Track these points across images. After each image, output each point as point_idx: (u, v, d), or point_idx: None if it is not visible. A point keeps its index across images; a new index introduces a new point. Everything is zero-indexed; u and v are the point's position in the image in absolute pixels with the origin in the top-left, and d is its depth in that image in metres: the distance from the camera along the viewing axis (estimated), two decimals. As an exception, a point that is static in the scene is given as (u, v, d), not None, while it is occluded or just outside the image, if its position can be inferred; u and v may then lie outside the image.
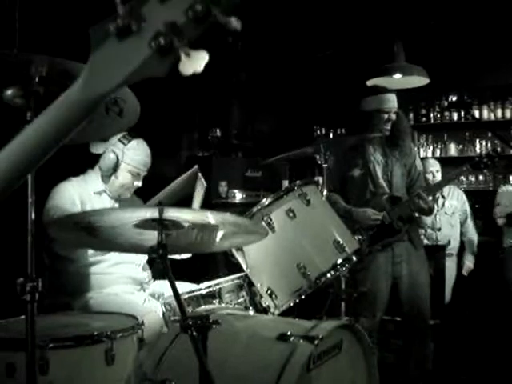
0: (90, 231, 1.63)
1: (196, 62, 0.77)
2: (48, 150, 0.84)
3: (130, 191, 2.83)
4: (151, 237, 1.63)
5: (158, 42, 0.73)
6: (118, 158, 2.72)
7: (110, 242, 1.79)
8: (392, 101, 3.24)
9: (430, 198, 3.17)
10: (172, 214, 1.58)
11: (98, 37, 0.77)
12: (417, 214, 3.32)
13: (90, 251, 2.66)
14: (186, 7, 0.71)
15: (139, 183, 2.82)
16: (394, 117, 3.23)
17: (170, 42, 0.73)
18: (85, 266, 2.68)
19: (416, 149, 3.67)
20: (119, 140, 2.72)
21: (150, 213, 1.57)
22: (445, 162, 5.14)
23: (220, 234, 1.76)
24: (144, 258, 2.86)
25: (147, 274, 2.90)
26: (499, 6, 4.89)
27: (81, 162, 2.85)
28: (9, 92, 1.51)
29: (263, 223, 2.17)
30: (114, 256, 2.71)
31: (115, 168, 2.73)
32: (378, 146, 3.27)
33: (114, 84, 0.78)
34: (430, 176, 4.60)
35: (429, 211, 3.21)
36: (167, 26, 0.73)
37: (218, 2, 0.70)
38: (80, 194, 2.71)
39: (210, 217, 1.65)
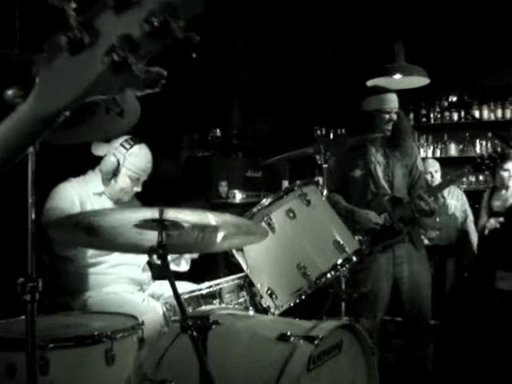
0: (90, 231, 1.63)
1: (152, 81, 0.72)
2: (4, 163, 0.81)
3: (128, 196, 2.83)
4: (151, 237, 1.63)
5: (111, 58, 0.68)
6: (118, 163, 2.71)
7: (110, 242, 1.79)
8: (393, 101, 3.23)
9: (432, 199, 3.17)
10: (172, 214, 1.58)
11: (51, 50, 0.72)
12: (417, 215, 3.32)
13: (90, 252, 2.66)
14: (142, 19, 0.66)
15: (138, 188, 2.82)
16: (395, 117, 3.22)
17: (123, 57, 0.68)
18: (84, 266, 2.68)
19: (416, 149, 3.65)
20: (121, 144, 2.71)
21: (151, 213, 1.57)
22: (445, 162, 5.14)
23: (220, 234, 1.76)
24: (144, 259, 2.86)
25: (147, 275, 2.90)
26: (499, 6, 4.89)
27: (81, 162, 2.85)
28: (9, 92, 1.51)
29: (263, 223, 2.17)
30: (113, 257, 2.71)
31: (115, 172, 2.73)
32: (379, 146, 3.26)
33: (63, 103, 0.73)
34: (428, 176, 4.60)
35: (430, 213, 3.20)
36: (122, 39, 0.67)
37: (175, 15, 0.65)
38: (80, 194, 2.71)
39: (211, 217, 1.65)
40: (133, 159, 2.73)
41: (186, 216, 1.62)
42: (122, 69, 0.69)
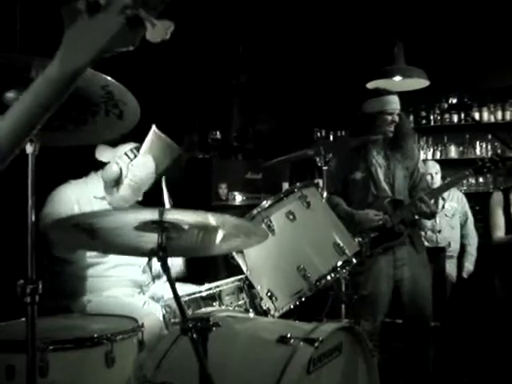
0: (90, 233, 1.63)
1: (162, 31, 0.80)
2: (34, 123, 0.89)
3: (129, 204, 2.81)
4: (151, 239, 1.62)
5: (125, 14, 0.78)
6: (121, 172, 2.70)
7: (109, 245, 1.78)
8: (395, 102, 3.24)
9: (432, 201, 3.17)
10: (172, 215, 1.58)
11: (70, 15, 0.81)
12: (417, 217, 3.32)
13: (89, 253, 2.66)
14: None
15: (139, 198, 2.81)
16: (397, 118, 3.22)
17: (136, 12, 0.78)
18: (84, 268, 2.67)
19: (417, 151, 3.66)
20: (126, 154, 2.70)
21: (150, 215, 1.56)
22: (445, 164, 5.14)
23: (220, 236, 1.76)
24: (144, 260, 2.85)
25: (147, 277, 2.90)
26: (499, 8, 4.90)
27: (82, 164, 2.85)
28: (9, 94, 1.52)
29: (263, 225, 2.17)
30: (113, 258, 2.70)
31: (117, 181, 2.71)
32: (380, 148, 3.26)
33: (88, 58, 0.82)
34: (428, 178, 4.59)
35: (431, 215, 3.20)
36: None
37: None
38: (79, 197, 2.69)
39: (211, 218, 1.65)
40: (136, 170, 2.71)
41: (185, 217, 1.61)
42: (135, 23, 0.80)
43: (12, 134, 0.89)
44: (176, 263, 2.85)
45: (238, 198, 4.75)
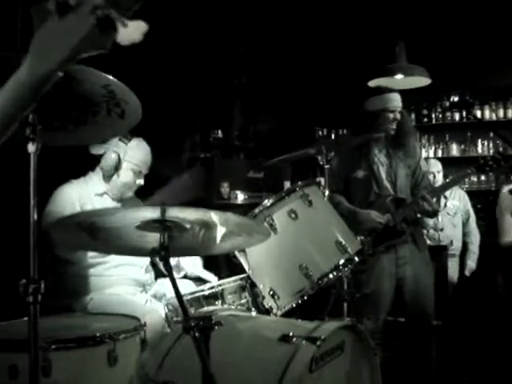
0: (91, 233, 1.63)
1: (134, 32, 0.78)
2: (8, 123, 0.87)
3: (132, 190, 2.85)
4: (153, 239, 1.62)
5: (96, 15, 0.76)
6: (119, 157, 2.74)
7: (111, 244, 1.78)
8: (397, 100, 3.23)
9: (435, 199, 3.16)
10: (174, 214, 1.58)
11: (40, 16, 0.79)
12: (419, 215, 3.31)
13: (91, 253, 2.66)
14: None
15: (141, 181, 2.84)
16: (399, 116, 3.22)
17: (107, 13, 0.76)
18: (86, 267, 2.67)
19: (419, 149, 3.66)
20: (120, 140, 2.74)
21: (152, 213, 1.56)
22: (447, 162, 5.13)
23: (222, 234, 1.76)
24: (147, 259, 2.86)
25: (150, 276, 2.90)
26: (501, 7, 4.89)
27: (82, 163, 2.85)
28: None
29: (265, 224, 2.17)
30: (115, 258, 2.71)
31: (117, 167, 2.75)
32: (382, 147, 3.26)
33: (58, 61, 0.80)
34: (431, 177, 4.59)
35: (433, 213, 3.20)
36: None
37: None
38: (80, 196, 2.71)
39: (213, 216, 1.65)
40: (133, 152, 2.76)
41: (188, 215, 1.61)
42: (106, 24, 0.77)
43: None
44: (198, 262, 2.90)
45: (240, 197, 4.76)
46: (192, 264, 2.93)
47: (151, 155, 2.85)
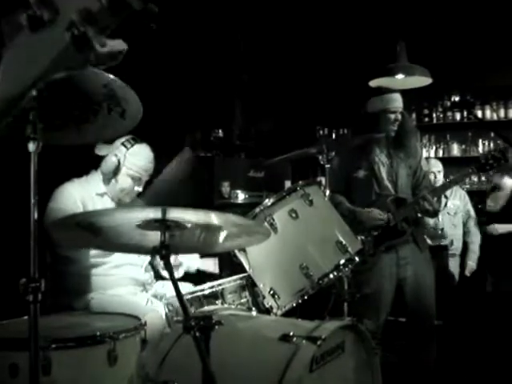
0: (92, 231, 1.63)
1: (113, 54, 0.73)
2: None
3: (129, 196, 2.81)
4: (153, 238, 1.62)
5: (71, 32, 0.70)
6: (119, 162, 2.70)
7: (112, 243, 1.78)
8: (398, 100, 3.23)
9: (435, 199, 3.16)
10: (175, 214, 1.58)
11: (10, 29, 0.73)
12: (420, 215, 3.31)
13: (92, 252, 2.66)
14: None
15: (140, 188, 2.80)
16: (399, 117, 3.22)
17: (83, 31, 0.70)
18: (86, 267, 2.67)
19: (420, 149, 3.65)
20: (122, 144, 2.71)
21: (153, 213, 1.56)
22: (447, 162, 5.14)
23: (223, 234, 1.76)
24: (146, 259, 2.86)
25: (149, 275, 2.90)
26: (502, 6, 4.88)
27: (84, 163, 2.85)
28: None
29: (266, 224, 2.17)
30: (116, 257, 2.71)
31: (116, 172, 2.72)
32: (383, 147, 3.25)
33: (30, 79, 0.74)
34: (431, 176, 4.59)
35: (433, 213, 3.19)
36: (81, 13, 0.68)
37: None
38: (82, 195, 2.70)
39: (213, 217, 1.64)
40: (133, 158, 2.72)
41: (188, 216, 1.61)
42: (82, 43, 0.70)
43: None
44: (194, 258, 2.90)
45: (241, 196, 4.75)
46: (190, 257, 2.93)
47: (154, 162, 2.81)
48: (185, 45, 4.45)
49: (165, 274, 2.80)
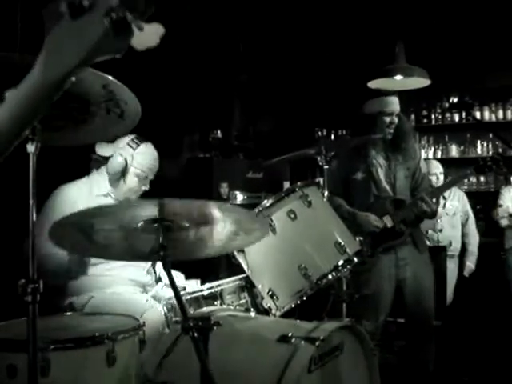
0: (89, 237, 1.61)
1: (150, 36, 0.75)
2: (20, 130, 0.84)
3: (136, 195, 2.81)
4: (151, 241, 1.62)
5: (110, 18, 0.72)
6: (126, 162, 2.70)
7: (108, 249, 1.76)
8: (394, 103, 3.24)
9: (434, 200, 3.16)
10: (172, 209, 1.57)
11: (52, 18, 0.75)
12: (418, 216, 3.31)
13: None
14: None
15: (146, 187, 2.81)
16: (396, 119, 3.22)
17: (122, 16, 0.72)
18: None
19: (419, 151, 3.65)
20: (128, 144, 2.71)
21: (150, 211, 1.55)
22: (446, 163, 5.14)
23: (220, 231, 1.74)
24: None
25: (150, 278, 2.89)
26: (500, 8, 4.89)
27: (83, 163, 2.85)
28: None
29: (264, 224, 2.16)
30: (115, 258, 2.70)
31: (124, 172, 2.71)
32: (381, 149, 3.26)
33: (72, 65, 0.76)
34: (433, 178, 4.60)
35: (432, 214, 3.19)
36: None
37: None
38: (82, 196, 2.67)
39: (212, 208, 1.62)
40: (140, 158, 2.73)
41: (186, 209, 1.60)
42: (121, 27, 0.73)
43: None
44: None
45: (239, 197, 4.75)
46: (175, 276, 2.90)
47: (158, 160, 2.82)
48: (183, 45, 4.45)
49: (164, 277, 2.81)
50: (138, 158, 2.73)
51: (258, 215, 2.19)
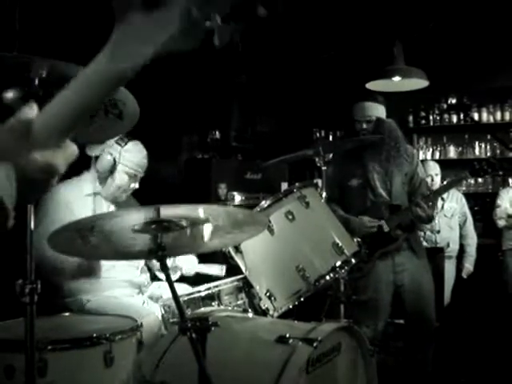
0: (84, 238, 1.60)
1: (228, 33, 0.76)
2: (80, 116, 0.81)
3: (126, 193, 2.81)
4: (148, 241, 1.62)
5: (189, 14, 0.70)
6: (114, 160, 2.71)
7: (104, 250, 1.75)
8: (366, 109, 3.22)
9: (430, 203, 3.13)
10: (168, 212, 1.56)
11: (123, 8, 0.73)
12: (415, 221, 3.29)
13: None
14: None
15: (136, 185, 2.81)
16: (366, 126, 3.22)
17: (201, 13, 0.70)
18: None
19: (415, 151, 3.62)
20: (116, 142, 2.71)
21: (147, 214, 1.55)
22: (444, 164, 5.14)
23: (214, 230, 1.73)
24: (142, 260, 2.85)
25: (145, 277, 2.89)
26: (498, 9, 4.90)
27: (77, 164, 2.84)
28: (9, 94, 1.52)
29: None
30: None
31: (112, 170, 2.72)
32: (376, 154, 3.23)
33: (142, 58, 0.75)
34: (429, 179, 4.59)
35: (427, 219, 3.16)
36: None
37: None
38: (71, 197, 2.66)
39: (200, 210, 1.62)
40: (129, 155, 2.73)
41: (181, 211, 1.59)
42: (198, 24, 0.71)
43: (51, 129, 0.82)
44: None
45: (237, 198, 4.75)
46: (187, 261, 2.92)
47: (147, 158, 2.82)
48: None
49: (161, 275, 2.80)
50: (126, 155, 2.72)
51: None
